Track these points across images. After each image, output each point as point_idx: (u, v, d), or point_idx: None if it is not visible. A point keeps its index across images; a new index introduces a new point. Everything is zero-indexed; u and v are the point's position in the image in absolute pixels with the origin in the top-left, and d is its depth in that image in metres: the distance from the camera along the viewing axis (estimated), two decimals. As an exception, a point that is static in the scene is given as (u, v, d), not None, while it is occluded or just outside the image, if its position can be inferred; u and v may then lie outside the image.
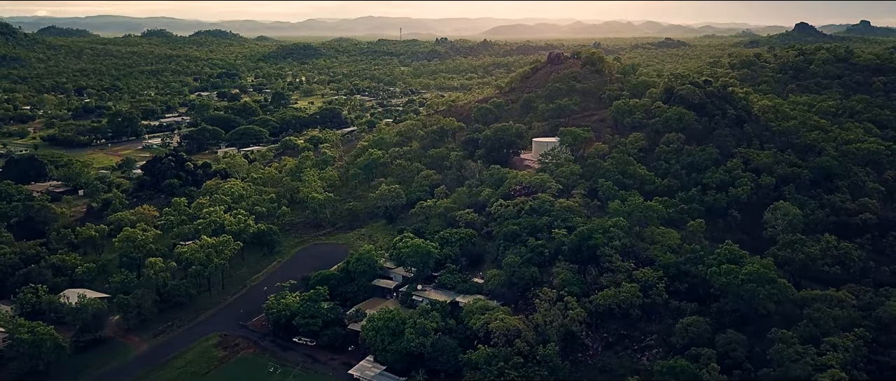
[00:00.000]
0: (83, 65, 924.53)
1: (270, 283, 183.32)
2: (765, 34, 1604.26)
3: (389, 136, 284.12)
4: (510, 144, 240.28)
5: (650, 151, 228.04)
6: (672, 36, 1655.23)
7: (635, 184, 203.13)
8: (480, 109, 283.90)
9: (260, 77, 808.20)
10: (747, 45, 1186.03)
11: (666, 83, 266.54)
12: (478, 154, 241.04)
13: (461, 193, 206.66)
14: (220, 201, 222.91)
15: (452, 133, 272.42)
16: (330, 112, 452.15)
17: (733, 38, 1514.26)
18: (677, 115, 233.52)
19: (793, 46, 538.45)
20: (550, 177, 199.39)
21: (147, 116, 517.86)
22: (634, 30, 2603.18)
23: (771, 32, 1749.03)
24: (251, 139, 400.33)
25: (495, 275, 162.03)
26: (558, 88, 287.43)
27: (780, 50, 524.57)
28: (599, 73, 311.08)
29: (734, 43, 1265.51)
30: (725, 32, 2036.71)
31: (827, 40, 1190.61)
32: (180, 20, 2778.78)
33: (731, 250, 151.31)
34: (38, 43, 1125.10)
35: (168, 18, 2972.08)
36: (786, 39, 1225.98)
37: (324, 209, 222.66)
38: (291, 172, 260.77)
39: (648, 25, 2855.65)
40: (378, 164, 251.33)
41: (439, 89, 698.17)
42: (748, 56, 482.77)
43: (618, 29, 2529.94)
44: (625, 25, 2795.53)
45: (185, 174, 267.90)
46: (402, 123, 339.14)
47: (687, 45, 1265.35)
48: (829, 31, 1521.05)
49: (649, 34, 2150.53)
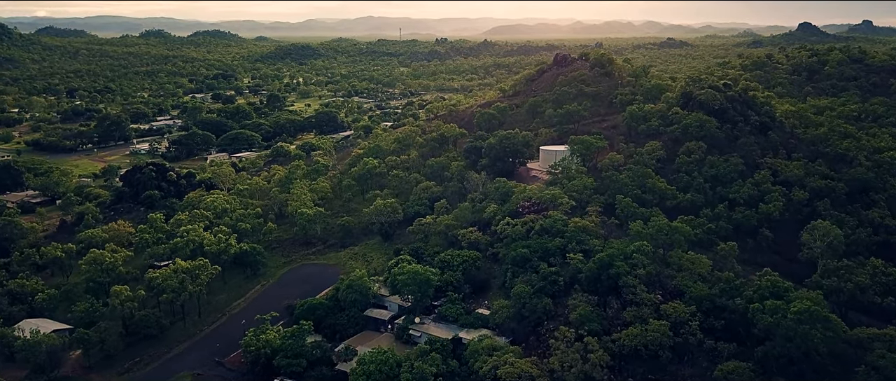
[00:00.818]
0: (78, 66, 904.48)
1: (253, 311, 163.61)
2: (766, 34, 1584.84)
3: (386, 143, 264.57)
4: (516, 154, 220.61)
5: (668, 161, 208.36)
6: (672, 36, 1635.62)
7: (655, 199, 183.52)
8: (483, 114, 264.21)
9: (256, 78, 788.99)
10: (750, 46, 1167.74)
11: (683, 87, 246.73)
12: (481, 164, 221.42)
13: (464, 208, 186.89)
14: (200, 218, 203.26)
15: (453, 140, 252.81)
16: (326, 116, 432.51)
17: (735, 38, 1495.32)
18: (698, 122, 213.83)
19: (804, 47, 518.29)
20: (562, 192, 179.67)
21: (137, 119, 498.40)
22: (635, 30, 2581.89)
23: (772, 32, 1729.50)
24: (243, 144, 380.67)
25: (503, 307, 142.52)
26: (566, 91, 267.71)
27: (791, 50, 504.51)
28: (609, 75, 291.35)
29: (737, 43, 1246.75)
30: (726, 32, 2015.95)
31: (831, 40, 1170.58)
32: (180, 21, 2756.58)
33: (773, 281, 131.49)
34: (33, 43, 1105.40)
35: (167, 19, 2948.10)
36: (789, 39, 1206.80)
37: (314, 226, 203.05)
38: (281, 183, 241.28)
39: (649, 25, 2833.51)
40: (373, 174, 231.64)
41: (439, 91, 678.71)
42: (759, 57, 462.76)
43: (618, 29, 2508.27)
44: (625, 25, 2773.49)
45: (167, 185, 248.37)
46: (400, 127, 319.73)
47: (689, 46, 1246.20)
48: (831, 30, 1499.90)
49: (650, 34, 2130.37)
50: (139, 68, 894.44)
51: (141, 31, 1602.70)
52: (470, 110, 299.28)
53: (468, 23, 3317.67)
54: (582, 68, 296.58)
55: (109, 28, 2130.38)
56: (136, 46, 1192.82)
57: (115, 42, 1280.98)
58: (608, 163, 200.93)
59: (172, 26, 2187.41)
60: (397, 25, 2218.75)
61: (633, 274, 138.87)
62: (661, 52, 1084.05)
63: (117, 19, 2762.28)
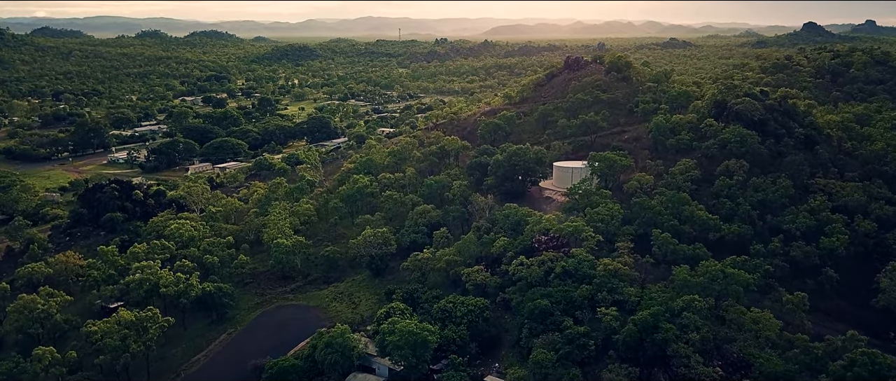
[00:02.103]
0: (69, 67, 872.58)
1: (214, 370, 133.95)
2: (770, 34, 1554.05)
3: (380, 157, 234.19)
4: (528, 172, 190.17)
5: (704, 182, 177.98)
6: (673, 35, 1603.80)
7: (694, 231, 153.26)
8: (488, 124, 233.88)
9: (251, 80, 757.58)
10: (754, 46, 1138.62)
11: (714, 94, 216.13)
12: (487, 184, 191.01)
13: (468, 241, 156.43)
14: (160, 249, 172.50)
15: (455, 154, 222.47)
16: (318, 121, 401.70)
17: (738, 39, 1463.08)
18: (737, 136, 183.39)
19: (823, 48, 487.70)
20: (585, 223, 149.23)
21: (120, 124, 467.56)
22: (635, 30, 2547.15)
23: (774, 33, 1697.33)
24: (228, 153, 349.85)
25: (520, 378, 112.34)
26: (581, 99, 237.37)
27: (809, 51, 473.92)
28: (627, 80, 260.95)
29: (741, 43, 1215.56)
30: (727, 32, 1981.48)
31: (837, 40, 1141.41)
32: (179, 21, 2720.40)
33: (872, 357, 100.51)
34: (25, 44, 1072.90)
35: (166, 19, 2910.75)
36: (794, 39, 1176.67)
37: (292, 257, 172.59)
38: (260, 204, 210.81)
39: (649, 25, 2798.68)
40: (364, 194, 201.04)
41: (439, 93, 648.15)
42: (779, 59, 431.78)
43: (619, 29, 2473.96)
44: (626, 25, 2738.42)
45: (133, 205, 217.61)
46: (395, 138, 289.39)
47: (692, 46, 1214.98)
48: (834, 31, 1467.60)
49: (651, 34, 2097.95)
50: (131, 70, 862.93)
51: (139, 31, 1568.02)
52: (473, 119, 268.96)
53: (468, 23, 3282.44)
54: (596, 72, 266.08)
55: (108, 28, 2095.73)
56: (131, 47, 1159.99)
57: (109, 43, 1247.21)
58: (636, 185, 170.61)
59: (171, 27, 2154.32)
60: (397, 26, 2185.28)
61: (685, 339, 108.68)
62: (664, 53, 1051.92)
63: (117, 20, 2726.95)
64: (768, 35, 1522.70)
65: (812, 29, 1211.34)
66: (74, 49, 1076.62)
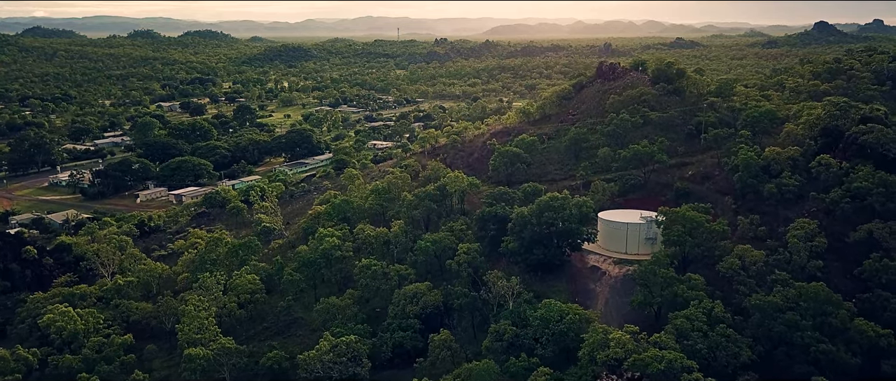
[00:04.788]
0: (49, 69, 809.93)
1: None
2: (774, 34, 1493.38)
3: (360, 197, 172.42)
4: (567, 235, 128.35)
5: (832, 254, 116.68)
6: (675, 35, 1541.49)
7: (858, 354, 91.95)
8: (503, 155, 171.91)
9: (238, 83, 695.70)
10: (765, 46, 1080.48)
11: (819, 116, 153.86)
12: (508, 248, 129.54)
13: (484, 371, 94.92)
14: (15, 364, 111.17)
15: (460, 196, 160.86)
16: (298, 135, 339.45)
17: (745, 38, 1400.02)
18: (880, 184, 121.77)
19: (874, 48, 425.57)
20: (680, 354, 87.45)
21: (80, 135, 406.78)
22: (636, 30, 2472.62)
23: (776, 32, 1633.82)
24: (188, 175, 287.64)
25: None
26: (626, 121, 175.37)
27: (857, 52, 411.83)
28: (679, 93, 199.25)
29: (751, 43, 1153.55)
30: (730, 32, 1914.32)
31: (849, 40, 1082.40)
32: (178, 21, 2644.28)
33: None
34: (9, 45, 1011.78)
35: (166, 19, 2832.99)
36: (806, 39, 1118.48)
37: (218, 369, 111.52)
38: (192, 267, 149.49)
39: (650, 25, 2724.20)
40: (333, 260, 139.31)
41: (438, 98, 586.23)
42: (827, 61, 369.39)
43: (620, 29, 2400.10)
44: (627, 25, 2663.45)
45: (21, 268, 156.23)
46: (384, 162, 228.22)
47: (700, 45, 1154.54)
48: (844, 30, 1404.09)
49: (652, 33, 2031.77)
50: (114, 71, 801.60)
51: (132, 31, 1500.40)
52: (481, 141, 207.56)
53: (468, 23, 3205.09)
54: (639, 83, 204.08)
55: (106, 28, 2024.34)
56: (120, 47, 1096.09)
57: (99, 43, 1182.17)
58: (736, 264, 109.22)
59: (170, 27, 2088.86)
60: (396, 26, 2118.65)
61: None
62: (672, 53, 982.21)
63: (116, 20, 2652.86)
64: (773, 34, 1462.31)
65: (824, 28, 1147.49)
66: (59, 50, 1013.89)
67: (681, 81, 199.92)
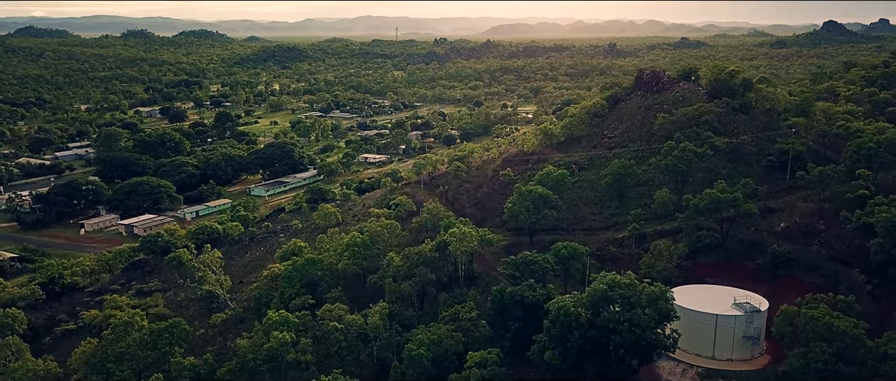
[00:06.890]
0: (32, 70, 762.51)
1: None
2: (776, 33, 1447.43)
3: (333, 253, 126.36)
4: (637, 343, 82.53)
5: None
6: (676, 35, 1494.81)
7: None
8: (525, 197, 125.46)
9: (226, 86, 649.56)
10: (773, 46, 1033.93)
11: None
12: (545, 359, 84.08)
13: None
14: None
15: (467, 261, 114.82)
16: (278, 149, 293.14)
17: (750, 38, 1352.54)
18: None
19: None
20: None
21: (40, 146, 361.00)
22: (637, 29, 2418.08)
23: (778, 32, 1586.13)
24: (145, 199, 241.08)
25: None
26: (688, 152, 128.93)
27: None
28: (744, 109, 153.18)
29: (758, 43, 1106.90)
30: (731, 31, 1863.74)
31: (860, 40, 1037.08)
32: (177, 20, 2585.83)
33: None
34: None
35: (165, 18, 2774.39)
36: (815, 39, 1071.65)
37: None
38: (90, 366, 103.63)
39: (651, 24, 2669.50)
40: (283, 366, 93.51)
41: (438, 102, 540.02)
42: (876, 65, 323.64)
43: (621, 28, 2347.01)
44: (627, 25, 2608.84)
45: None
46: (370, 193, 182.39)
47: (706, 46, 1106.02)
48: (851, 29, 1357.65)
49: (653, 33, 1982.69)
50: (99, 73, 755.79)
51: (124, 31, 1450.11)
52: (491, 169, 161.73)
53: (467, 22, 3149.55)
54: (692, 96, 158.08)
55: (103, 28, 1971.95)
56: (111, 48, 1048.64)
57: (90, 43, 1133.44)
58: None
59: (168, 26, 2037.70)
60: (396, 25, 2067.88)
61: None
62: (680, 54, 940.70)
63: (114, 19, 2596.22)
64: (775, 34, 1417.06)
65: (833, 28, 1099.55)
66: (47, 50, 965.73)
67: (748, 95, 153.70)
